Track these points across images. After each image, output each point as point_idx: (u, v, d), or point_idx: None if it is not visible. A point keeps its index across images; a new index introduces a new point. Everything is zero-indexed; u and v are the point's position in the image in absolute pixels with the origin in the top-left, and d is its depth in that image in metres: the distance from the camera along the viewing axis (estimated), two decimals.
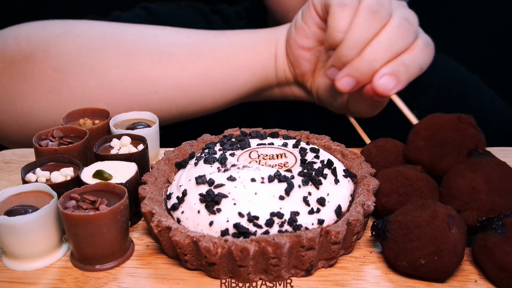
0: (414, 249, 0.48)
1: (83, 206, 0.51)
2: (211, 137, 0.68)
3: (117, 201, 0.52)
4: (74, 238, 0.51)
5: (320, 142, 0.66)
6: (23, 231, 0.50)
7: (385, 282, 0.50)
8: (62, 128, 0.68)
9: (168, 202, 0.57)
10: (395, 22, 0.67)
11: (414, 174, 0.57)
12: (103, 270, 0.52)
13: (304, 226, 0.51)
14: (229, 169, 0.56)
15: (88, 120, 0.72)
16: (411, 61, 0.68)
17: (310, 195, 0.53)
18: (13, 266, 0.53)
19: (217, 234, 0.51)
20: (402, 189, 0.56)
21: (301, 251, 0.49)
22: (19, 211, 0.52)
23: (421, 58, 0.69)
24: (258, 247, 0.48)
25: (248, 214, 0.51)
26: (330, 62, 0.72)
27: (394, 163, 0.62)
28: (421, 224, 0.48)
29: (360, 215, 0.52)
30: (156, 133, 0.71)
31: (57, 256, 0.54)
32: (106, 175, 0.57)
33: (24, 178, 0.58)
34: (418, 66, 0.68)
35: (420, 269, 0.48)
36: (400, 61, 0.67)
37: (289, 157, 0.59)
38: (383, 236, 0.50)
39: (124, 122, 0.73)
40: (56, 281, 0.51)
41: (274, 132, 0.68)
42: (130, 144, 0.64)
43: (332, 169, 0.58)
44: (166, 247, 0.53)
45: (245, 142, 0.63)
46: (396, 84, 0.67)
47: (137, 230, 0.59)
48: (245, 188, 0.53)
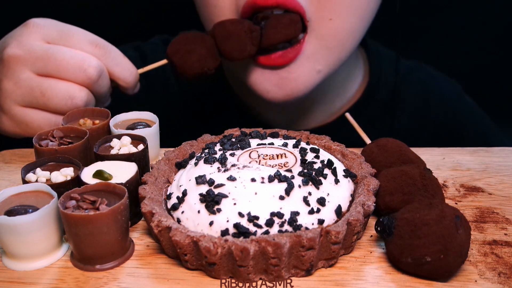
0: (421, 246, 0.48)
1: (83, 206, 0.51)
2: (211, 137, 0.68)
3: (117, 201, 0.52)
4: (74, 238, 0.51)
5: (320, 142, 0.66)
6: (23, 231, 0.50)
7: (385, 282, 0.50)
8: (62, 128, 0.68)
9: (168, 202, 0.57)
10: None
11: (418, 174, 0.57)
12: (103, 270, 0.52)
13: (304, 226, 0.51)
14: (229, 169, 0.56)
15: (88, 120, 0.72)
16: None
17: (310, 195, 0.53)
18: (13, 266, 0.53)
19: (217, 234, 0.51)
20: (406, 188, 0.56)
21: (301, 251, 0.49)
22: (19, 211, 0.52)
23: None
24: (258, 247, 0.48)
25: (248, 214, 0.51)
26: None
27: (396, 163, 0.62)
28: (430, 222, 0.48)
29: (360, 215, 0.52)
30: (156, 133, 0.71)
31: (57, 256, 0.54)
32: (106, 175, 0.57)
33: (24, 178, 0.58)
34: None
35: (425, 266, 0.48)
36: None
37: (289, 157, 0.59)
38: (389, 232, 0.51)
39: (124, 122, 0.73)
40: (56, 281, 0.51)
41: (274, 132, 0.68)
42: (130, 144, 0.64)
43: (332, 169, 0.58)
44: (166, 247, 0.53)
45: (245, 142, 0.63)
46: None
47: (137, 230, 0.59)
48: (245, 188, 0.53)
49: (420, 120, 1.01)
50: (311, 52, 0.79)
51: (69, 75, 0.69)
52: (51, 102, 0.69)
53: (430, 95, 1.01)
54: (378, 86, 0.98)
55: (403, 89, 0.99)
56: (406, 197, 0.56)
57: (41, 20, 0.71)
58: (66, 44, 0.70)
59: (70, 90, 0.69)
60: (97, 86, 0.71)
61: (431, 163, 0.71)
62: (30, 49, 0.69)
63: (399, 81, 0.97)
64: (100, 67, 0.70)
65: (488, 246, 0.55)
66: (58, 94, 0.68)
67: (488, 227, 0.58)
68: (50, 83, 0.69)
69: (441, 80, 1.04)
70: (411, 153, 0.63)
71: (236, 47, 0.77)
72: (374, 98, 0.97)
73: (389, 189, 0.57)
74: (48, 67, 0.68)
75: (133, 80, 0.76)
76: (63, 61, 0.68)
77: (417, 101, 1.01)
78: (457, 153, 0.75)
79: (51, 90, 0.68)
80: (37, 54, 0.68)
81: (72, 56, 0.69)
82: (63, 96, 0.68)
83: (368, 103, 0.97)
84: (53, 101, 0.68)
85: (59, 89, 0.68)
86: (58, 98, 0.68)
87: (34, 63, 0.69)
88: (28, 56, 0.69)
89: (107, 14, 1.18)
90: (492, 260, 0.53)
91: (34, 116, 0.71)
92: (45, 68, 0.68)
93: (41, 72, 0.69)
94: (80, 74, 0.69)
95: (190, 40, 0.78)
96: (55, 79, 0.69)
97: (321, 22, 0.78)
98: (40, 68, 0.69)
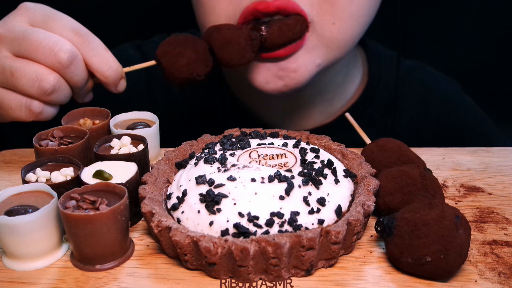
0: (421, 246, 0.48)
1: (83, 206, 0.51)
2: (211, 137, 0.68)
3: (117, 201, 0.52)
4: (74, 238, 0.51)
5: (320, 142, 0.66)
6: (23, 231, 0.50)
7: (385, 282, 0.50)
8: (62, 128, 0.68)
9: (168, 202, 0.57)
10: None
11: (418, 174, 0.57)
12: (103, 270, 0.52)
13: (304, 226, 0.51)
14: (229, 169, 0.56)
15: (88, 120, 0.72)
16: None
17: (310, 195, 0.53)
18: (13, 266, 0.53)
19: (217, 234, 0.51)
20: (406, 188, 0.56)
21: (301, 251, 0.49)
22: (19, 211, 0.52)
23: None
24: (258, 247, 0.48)
25: (248, 214, 0.51)
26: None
27: (396, 163, 0.62)
28: (430, 222, 0.49)
29: (360, 215, 0.52)
30: (156, 133, 0.71)
31: (57, 256, 0.54)
32: (106, 175, 0.57)
33: (24, 178, 0.58)
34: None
35: (425, 266, 0.48)
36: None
37: (289, 157, 0.59)
38: (389, 232, 0.51)
39: (124, 122, 0.73)
40: (56, 281, 0.51)
41: (274, 132, 0.68)
42: (130, 144, 0.64)
43: (332, 169, 0.58)
44: (166, 247, 0.53)
45: (245, 142, 0.63)
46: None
47: (137, 230, 0.59)
48: (245, 188, 0.53)
49: (420, 120, 1.01)
50: (311, 47, 0.79)
51: (39, 56, 0.68)
52: (19, 82, 0.68)
53: (430, 95, 1.01)
54: (378, 86, 0.98)
55: (403, 89, 0.99)
56: (406, 197, 0.56)
57: (32, 4, 0.71)
58: (47, 28, 0.70)
59: (39, 72, 0.68)
60: (69, 73, 0.69)
61: (431, 163, 0.71)
62: (10, 29, 0.69)
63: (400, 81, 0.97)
64: (72, 52, 0.68)
65: (488, 246, 0.55)
66: (27, 75, 0.67)
67: (488, 227, 0.58)
68: (21, 64, 0.68)
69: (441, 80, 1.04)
70: (411, 153, 0.63)
71: (235, 55, 0.75)
72: (374, 98, 0.97)
73: (389, 189, 0.57)
74: (21, 48, 0.68)
75: (111, 75, 0.73)
76: (35, 42, 0.67)
77: (417, 101, 1.01)
78: (457, 153, 0.75)
79: (20, 70, 0.67)
80: (15, 34, 0.68)
81: (45, 38, 0.68)
82: (30, 77, 0.67)
83: (368, 103, 0.97)
84: (21, 82, 0.68)
85: (27, 70, 0.67)
86: (25, 79, 0.67)
87: (10, 42, 0.68)
88: (7, 35, 0.68)
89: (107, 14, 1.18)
90: (492, 260, 0.53)
91: (5, 96, 0.70)
92: (19, 48, 0.68)
93: (16, 53, 0.69)
94: (50, 57, 0.67)
95: (180, 42, 0.76)
96: (26, 60, 0.68)
97: (324, 26, 0.78)
98: (15, 48, 0.68)
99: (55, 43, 0.67)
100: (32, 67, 0.68)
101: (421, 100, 1.01)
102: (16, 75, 0.67)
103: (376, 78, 0.98)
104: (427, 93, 1.01)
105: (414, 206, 0.51)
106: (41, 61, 0.68)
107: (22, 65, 0.68)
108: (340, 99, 0.97)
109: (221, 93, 0.99)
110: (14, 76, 0.68)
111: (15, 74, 0.67)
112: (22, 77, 0.67)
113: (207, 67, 0.76)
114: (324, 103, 0.95)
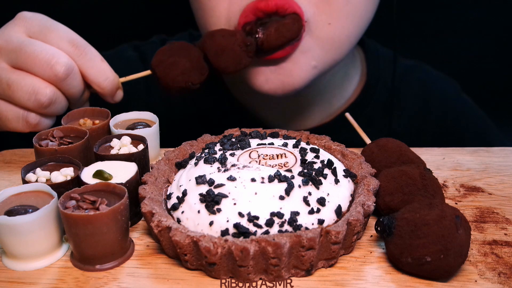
0: (421, 246, 0.48)
1: (83, 206, 0.51)
2: (211, 137, 0.68)
3: (117, 201, 0.52)
4: (74, 238, 0.51)
5: (320, 142, 0.66)
6: (23, 231, 0.50)
7: (385, 282, 0.50)
8: (62, 128, 0.68)
9: (168, 202, 0.57)
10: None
11: (418, 174, 0.57)
12: (103, 270, 0.52)
13: (304, 226, 0.51)
14: (229, 169, 0.56)
15: (88, 120, 0.72)
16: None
17: (310, 195, 0.53)
18: (13, 266, 0.53)
19: (217, 234, 0.51)
20: (407, 188, 0.56)
21: (301, 251, 0.49)
22: (19, 211, 0.52)
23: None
24: (258, 247, 0.48)
25: (248, 214, 0.51)
26: None
27: (396, 163, 0.62)
28: (430, 222, 0.49)
29: (360, 215, 0.52)
30: (156, 133, 0.71)
31: (57, 256, 0.54)
32: (106, 175, 0.57)
33: (24, 178, 0.58)
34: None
35: (425, 266, 0.48)
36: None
37: (289, 157, 0.59)
38: (389, 232, 0.51)
39: (124, 122, 0.73)
40: (56, 281, 0.51)
41: (274, 132, 0.68)
42: (130, 144, 0.64)
43: (332, 169, 0.58)
44: (166, 247, 0.53)
45: (245, 142, 0.63)
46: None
47: (137, 230, 0.59)
48: (245, 188, 0.53)
49: (420, 119, 1.01)
50: (306, 48, 0.79)
51: (36, 69, 0.68)
52: (15, 95, 0.68)
53: (429, 94, 1.01)
54: (377, 85, 0.98)
55: (403, 89, 0.99)
56: (406, 197, 0.56)
57: (30, 14, 0.71)
58: (44, 39, 0.70)
59: (36, 85, 0.68)
60: (65, 85, 0.69)
61: (431, 163, 0.71)
62: (8, 40, 0.69)
63: (398, 81, 0.97)
64: (69, 65, 0.69)
65: (488, 246, 0.55)
66: (23, 88, 0.68)
67: (488, 227, 0.58)
68: (18, 76, 0.68)
69: (441, 80, 1.04)
70: (411, 153, 0.63)
71: (231, 62, 0.74)
72: (373, 98, 0.97)
73: (389, 189, 0.57)
74: (18, 60, 0.68)
75: (108, 86, 0.74)
76: (32, 55, 0.67)
77: (417, 100, 1.01)
78: (457, 153, 0.75)
79: (17, 83, 0.68)
80: (13, 45, 0.68)
81: (42, 50, 0.68)
82: (27, 90, 0.68)
83: (367, 103, 0.97)
84: (17, 94, 0.68)
85: (24, 83, 0.68)
86: (22, 92, 0.68)
87: (8, 54, 0.68)
88: (5, 46, 0.68)
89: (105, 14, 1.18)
90: (492, 260, 0.53)
91: (3, 107, 0.70)
92: (16, 60, 0.68)
93: (13, 64, 0.69)
94: (47, 69, 0.67)
95: (175, 51, 0.75)
96: (23, 73, 0.68)
97: (320, 26, 0.78)
98: (12, 59, 0.68)
99: (51, 56, 0.68)
100: (29, 80, 0.68)
101: (420, 99, 1.01)
102: (13, 88, 0.68)
103: (374, 78, 0.98)
104: (426, 93, 1.01)
105: (414, 206, 0.51)
106: (38, 74, 0.68)
107: (19, 77, 0.68)
108: (339, 98, 0.97)
109: (220, 93, 0.99)
110: (11, 89, 0.68)
111: (12, 86, 0.68)
112: (19, 90, 0.68)
113: (202, 75, 0.75)
114: (323, 103, 0.95)
